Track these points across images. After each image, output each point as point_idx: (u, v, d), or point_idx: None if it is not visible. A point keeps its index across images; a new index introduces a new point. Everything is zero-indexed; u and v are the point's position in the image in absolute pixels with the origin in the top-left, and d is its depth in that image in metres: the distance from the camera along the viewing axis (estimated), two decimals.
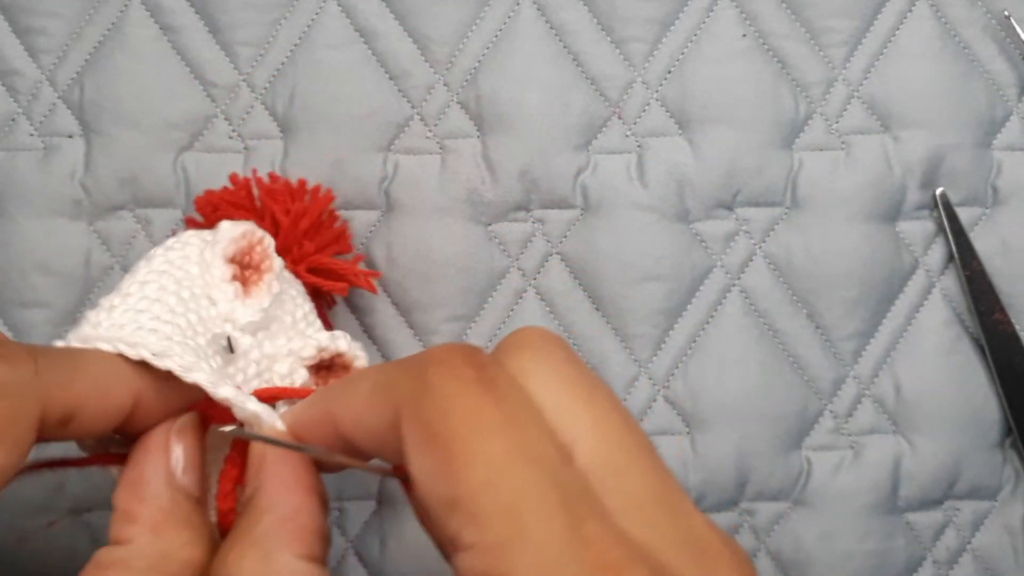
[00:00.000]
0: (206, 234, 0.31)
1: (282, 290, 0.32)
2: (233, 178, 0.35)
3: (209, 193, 0.35)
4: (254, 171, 0.36)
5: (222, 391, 0.26)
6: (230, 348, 0.29)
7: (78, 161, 0.38)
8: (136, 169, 0.38)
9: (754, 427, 0.37)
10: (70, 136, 0.38)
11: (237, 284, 0.30)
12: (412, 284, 0.38)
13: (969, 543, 0.38)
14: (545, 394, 0.22)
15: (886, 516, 0.37)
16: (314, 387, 0.31)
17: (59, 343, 0.27)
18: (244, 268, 0.31)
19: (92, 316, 0.28)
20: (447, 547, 0.21)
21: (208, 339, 0.29)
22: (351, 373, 0.31)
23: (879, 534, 0.37)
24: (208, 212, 0.35)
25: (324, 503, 0.25)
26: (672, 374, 0.38)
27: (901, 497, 0.37)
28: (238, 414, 0.27)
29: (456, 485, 0.20)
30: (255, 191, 0.35)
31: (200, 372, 0.26)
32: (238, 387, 0.28)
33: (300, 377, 0.31)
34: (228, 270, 0.30)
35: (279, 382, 0.30)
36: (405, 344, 0.38)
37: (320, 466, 0.26)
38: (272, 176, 0.36)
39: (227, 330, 0.30)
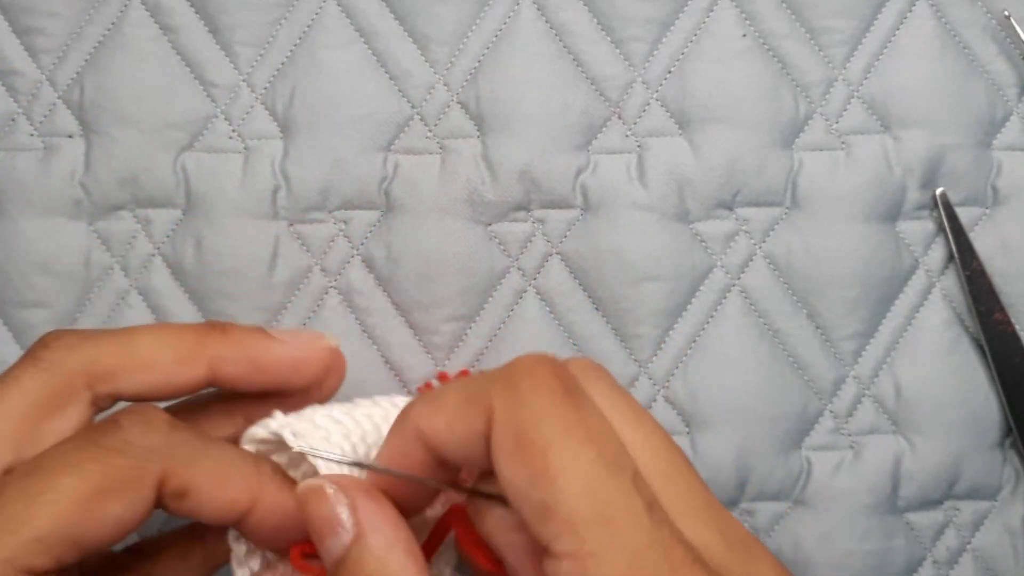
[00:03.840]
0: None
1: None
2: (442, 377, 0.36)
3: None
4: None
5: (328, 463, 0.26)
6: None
7: (78, 161, 0.38)
8: (136, 169, 0.38)
9: (754, 427, 0.37)
10: (70, 136, 0.38)
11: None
12: (412, 284, 0.38)
13: (969, 543, 0.38)
14: (605, 412, 0.23)
15: (886, 516, 0.37)
16: None
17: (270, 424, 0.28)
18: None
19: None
20: (515, 558, 0.23)
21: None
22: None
23: (879, 534, 0.37)
24: None
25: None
26: (672, 374, 0.38)
27: (901, 497, 0.37)
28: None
29: (552, 492, 0.21)
30: None
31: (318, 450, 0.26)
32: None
33: None
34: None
35: None
36: (405, 344, 0.38)
37: (403, 511, 0.26)
38: None
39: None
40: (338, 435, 0.27)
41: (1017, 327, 0.38)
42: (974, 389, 0.38)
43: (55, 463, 0.25)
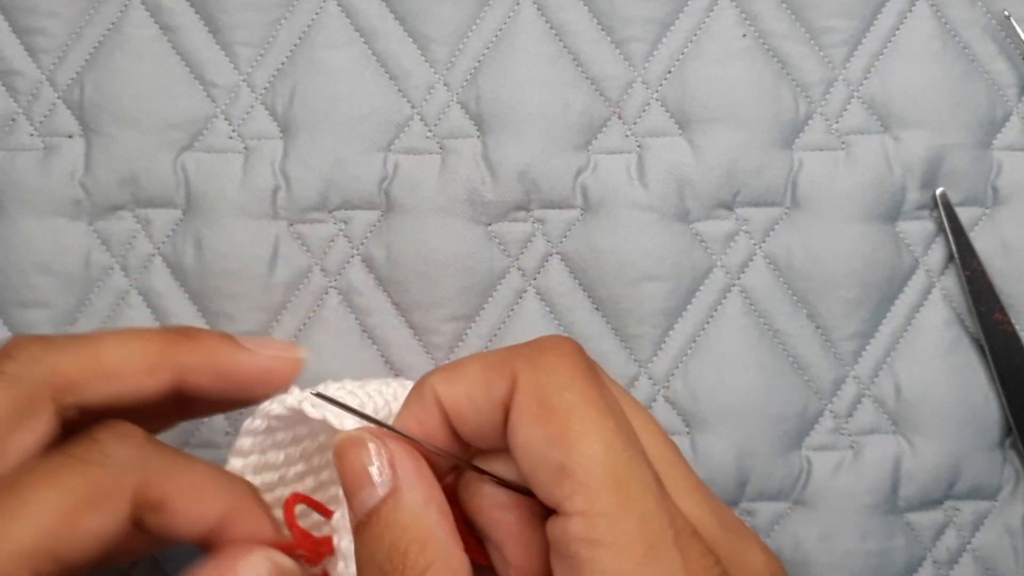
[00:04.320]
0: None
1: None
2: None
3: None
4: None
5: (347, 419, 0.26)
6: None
7: (78, 161, 0.38)
8: (136, 169, 0.38)
9: (754, 427, 0.37)
10: (70, 136, 0.38)
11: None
12: (412, 284, 0.38)
13: (969, 543, 0.38)
14: None
15: (886, 516, 0.37)
16: None
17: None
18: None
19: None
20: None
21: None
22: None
23: (879, 534, 0.37)
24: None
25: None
26: (672, 374, 0.38)
27: (901, 497, 0.37)
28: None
29: (570, 454, 0.22)
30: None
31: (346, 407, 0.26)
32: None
33: None
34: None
35: None
36: (405, 344, 0.38)
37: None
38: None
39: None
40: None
41: (1017, 327, 0.38)
42: (974, 389, 0.38)
43: (35, 477, 0.25)
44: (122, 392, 0.28)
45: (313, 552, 0.27)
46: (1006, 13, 0.39)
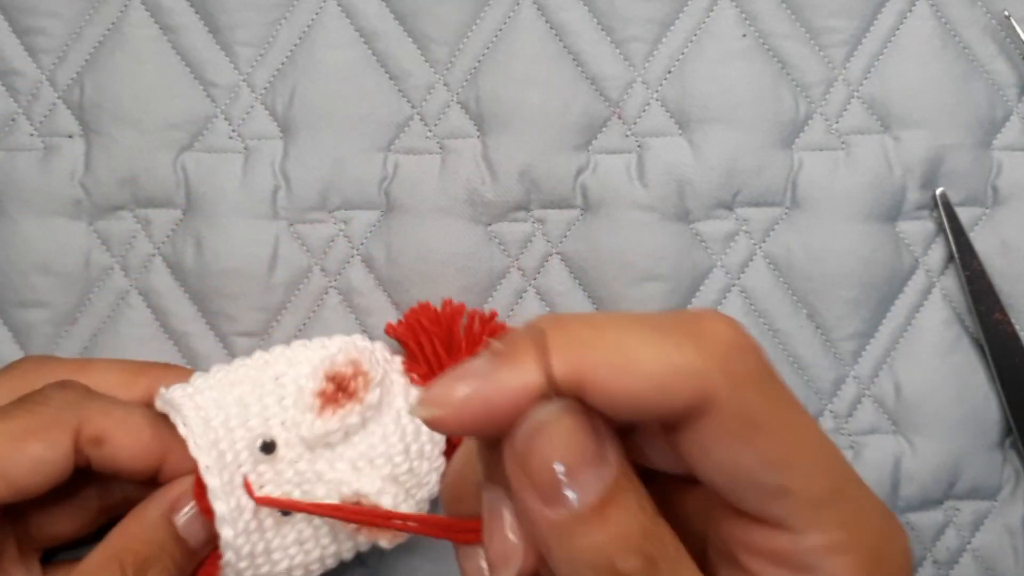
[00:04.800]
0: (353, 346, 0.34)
1: (372, 425, 0.33)
2: (445, 303, 0.36)
3: (416, 312, 0.36)
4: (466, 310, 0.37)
5: (202, 464, 0.31)
6: (265, 449, 0.32)
7: (78, 161, 0.38)
8: (136, 169, 0.38)
9: None
10: (70, 136, 0.38)
11: (317, 400, 0.32)
12: (412, 284, 0.38)
13: (969, 543, 0.38)
14: None
15: None
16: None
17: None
18: (339, 389, 0.33)
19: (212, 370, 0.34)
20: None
21: (250, 431, 0.32)
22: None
23: None
24: (405, 332, 0.36)
25: None
26: None
27: (901, 497, 0.37)
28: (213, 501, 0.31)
29: (791, 477, 0.20)
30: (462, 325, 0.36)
31: (197, 438, 0.31)
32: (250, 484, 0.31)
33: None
34: (319, 384, 0.32)
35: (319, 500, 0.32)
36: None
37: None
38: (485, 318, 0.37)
39: (275, 433, 0.32)
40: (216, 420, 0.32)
41: (1017, 327, 0.38)
42: (974, 389, 0.38)
43: None
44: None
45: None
46: (1006, 13, 0.39)
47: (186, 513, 0.31)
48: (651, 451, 0.22)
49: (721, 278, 0.38)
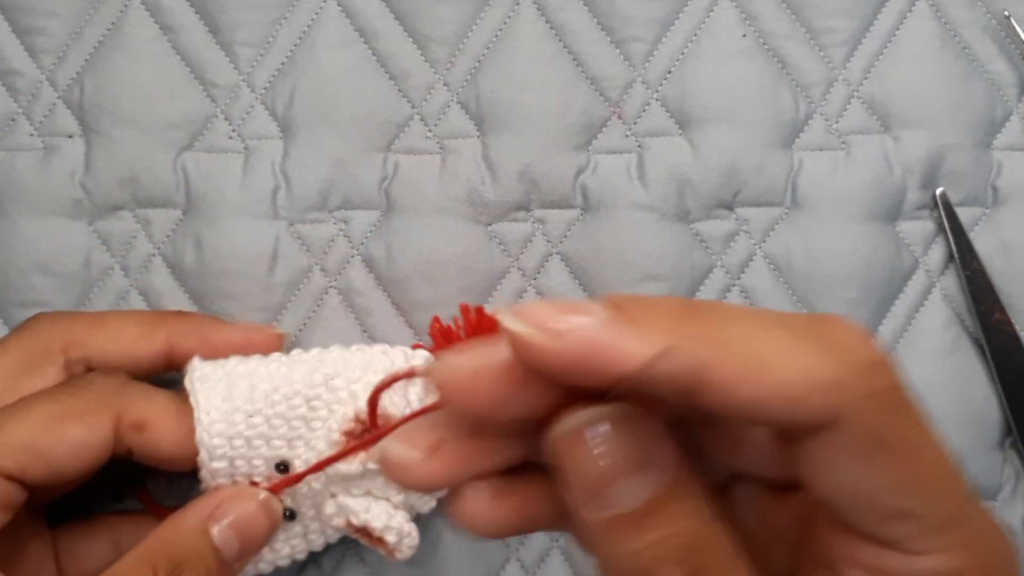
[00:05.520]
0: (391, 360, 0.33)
1: None
2: (479, 311, 0.36)
3: (445, 329, 0.36)
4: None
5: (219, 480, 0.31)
6: (280, 469, 0.32)
7: (78, 161, 0.38)
8: (136, 169, 0.38)
9: None
10: (70, 136, 0.38)
11: (342, 438, 0.31)
12: (412, 284, 0.38)
13: None
14: None
15: None
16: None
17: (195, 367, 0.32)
18: (366, 430, 0.31)
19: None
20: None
21: (273, 449, 0.31)
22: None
23: None
24: (439, 339, 0.36)
25: None
26: None
27: None
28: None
29: (919, 500, 0.20)
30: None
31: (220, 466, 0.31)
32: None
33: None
34: (347, 425, 0.31)
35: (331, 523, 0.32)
36: (405, 344, 0.38)
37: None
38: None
39: (296, 454, 0.32)
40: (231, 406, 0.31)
41: (1017, 327, 0.38)
42: (974, 389, 0.38)
43: (32, 395, 0.30)
44: (121, 351, 0.33)
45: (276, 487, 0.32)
46: (1006, 13, 0.39)
47: (223, 523, 0.30)
48: (752, 454, 0.22)
49: (721, 278, 0.38)
